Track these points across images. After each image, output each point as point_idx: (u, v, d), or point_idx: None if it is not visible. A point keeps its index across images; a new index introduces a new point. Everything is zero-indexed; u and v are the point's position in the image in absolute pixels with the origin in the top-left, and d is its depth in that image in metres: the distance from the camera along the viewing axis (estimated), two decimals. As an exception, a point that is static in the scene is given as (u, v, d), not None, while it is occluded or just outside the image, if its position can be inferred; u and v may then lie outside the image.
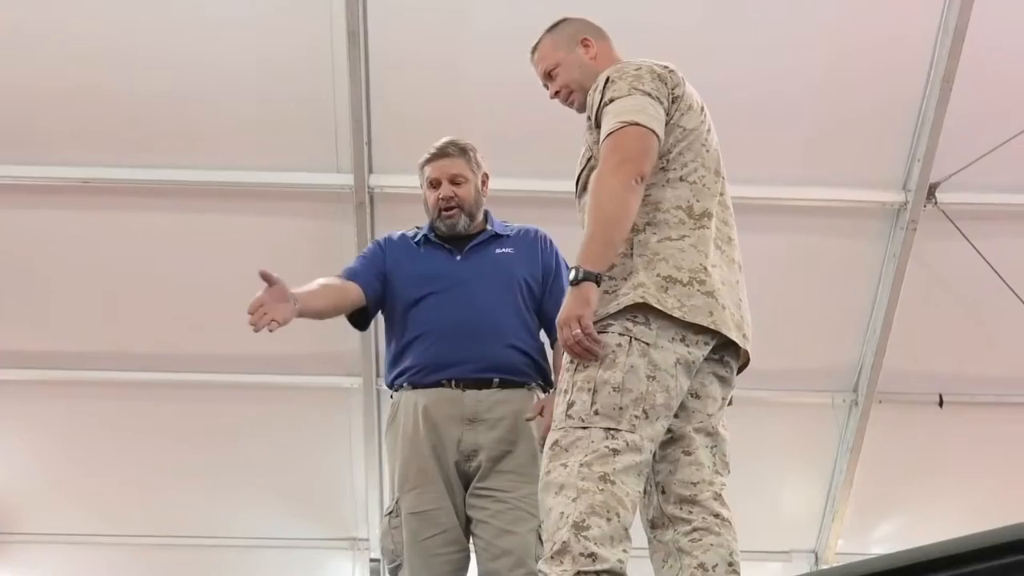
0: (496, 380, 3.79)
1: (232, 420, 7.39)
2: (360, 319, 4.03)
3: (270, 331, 3.41)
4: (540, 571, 2.89)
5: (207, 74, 6.27)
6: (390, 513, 3.83)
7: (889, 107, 6.36)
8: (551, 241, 4.05)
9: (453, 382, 3.77)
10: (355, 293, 3.88)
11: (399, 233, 4.15)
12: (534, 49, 3.51)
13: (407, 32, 6.13)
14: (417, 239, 4.04)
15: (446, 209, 3.94)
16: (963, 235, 6.50)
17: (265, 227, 6.64)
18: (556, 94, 3.46)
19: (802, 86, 6.27)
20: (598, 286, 2.94)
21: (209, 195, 6.52)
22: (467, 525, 3.76)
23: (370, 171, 6.46)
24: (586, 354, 2.93)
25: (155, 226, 6.76)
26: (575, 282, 2.92)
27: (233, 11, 6.10)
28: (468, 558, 3.78)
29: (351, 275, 3.94)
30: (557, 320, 2.97)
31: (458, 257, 3.97)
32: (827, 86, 6.29)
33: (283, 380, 7.20)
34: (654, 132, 3.05)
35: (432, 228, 4.03)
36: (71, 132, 6.42)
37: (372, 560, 7.49)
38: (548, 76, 3.47)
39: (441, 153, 3.99)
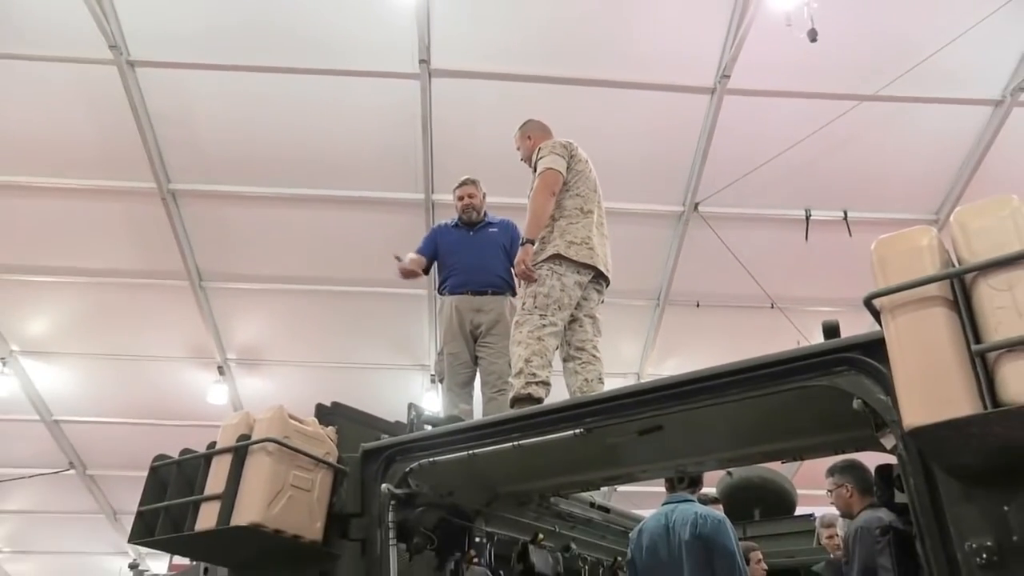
0: (490, 291, 3.69)
1: (364, 309, 7.32)
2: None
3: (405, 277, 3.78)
4: (509, 381, 2.95)
5: (350, 141, 6.14)
6: (440, 352, 3.77)
7: (677, 161, 6.24)
8: (516, 227, 3.88)
9: (470, 291, 3.68)
10: (425, 262, 3.84)
11: (444, 222, 4.06)
12: (515, 135, 3.47)
13: (452, 124, 6.01)
14: (452, 224, 3.94)
15: (466, 209, 3.87)
16: (712, 229, 6.42)
17: (378, 220, 6.58)
18: (521, 160, 3.44)
19: (635, 148, 6.06)
20: (533, 245, 2.98)
21: (351, 203, 6.49)
22: (474, 360, 3.68)
23: (432, 191, 6.35)
24: (528, 279, 2.97)
25: (330, 219, 6.67)
26: (522, 244, 3.00)
27: (363, 116, 5.98)
28: (475, 375, 3.70)
29: (422, 252, 3.87)
30: (514, 263, 3.04)
31: (471, 233, 3.85)
32: (646, 150, 6.14)
33: (389, 290, 7.04)
34: (561, 172, 3.10)
35: (459, 218, 3.93)
36: (280, 169, 6.34)
37: (431, 375, 7.47)
38: (517, 149, 3.46)
39: (465, 183, 3.93)
